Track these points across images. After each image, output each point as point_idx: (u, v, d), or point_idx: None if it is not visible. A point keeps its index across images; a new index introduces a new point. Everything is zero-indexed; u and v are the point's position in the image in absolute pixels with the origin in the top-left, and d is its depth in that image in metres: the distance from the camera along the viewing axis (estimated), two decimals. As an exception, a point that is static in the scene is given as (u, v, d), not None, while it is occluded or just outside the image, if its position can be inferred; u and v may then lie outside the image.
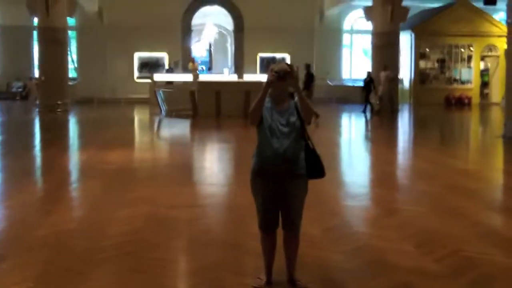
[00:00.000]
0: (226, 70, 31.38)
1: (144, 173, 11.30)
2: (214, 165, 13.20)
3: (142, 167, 12.01)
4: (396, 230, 7.09)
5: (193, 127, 20.29)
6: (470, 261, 5.94)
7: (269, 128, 4.97)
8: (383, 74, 24.93)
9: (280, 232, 5.18)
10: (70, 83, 27.32)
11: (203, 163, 13.48)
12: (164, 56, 33.71)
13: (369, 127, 21.82)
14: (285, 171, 4.99)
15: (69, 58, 29.78)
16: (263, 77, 24.59)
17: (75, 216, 7.92)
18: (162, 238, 6.75)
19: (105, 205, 8.39)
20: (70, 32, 29.36)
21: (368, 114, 24.10)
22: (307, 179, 5.14)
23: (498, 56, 31.69)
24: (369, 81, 25.26)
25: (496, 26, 31.37)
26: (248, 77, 27.79)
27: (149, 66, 33.13)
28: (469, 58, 32.07)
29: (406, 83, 31.76)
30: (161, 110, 23.49)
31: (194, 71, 28.98)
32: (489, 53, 32.10)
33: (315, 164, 5.12)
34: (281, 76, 4.87)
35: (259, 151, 5.07)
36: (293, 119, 5.00)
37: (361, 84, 29.88)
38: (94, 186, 9.87)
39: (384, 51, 25.98)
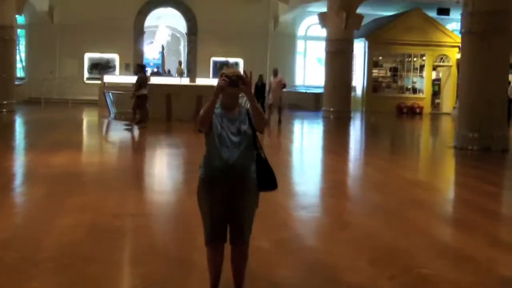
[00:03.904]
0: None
1: (89, 177, 10.85)
2: (162, 171, 12.80)
3: (87, 172, 11.56)
4: (349, 244, 6.83)
5: (143, 131, 19.82)
6: (425, 279, 5.71)
7: (219, 136, 4.63)
8: (274, 81, 23.40)
9: (227, 247, 4.84)
10: (17, 82, 26.56)
11: (151, 169, 13.09)
12: (115, 57, 33.12)
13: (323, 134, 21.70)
14: (235, 183, 4.66)
15: (18, 57, 29.08)
16: (215, 81, 24.28)
17: (11, 225, 7.37)
18: (103, 250, 6.32)
19: (45, 212, 7.92)
20: (19, 31, 28.58)
21: None
22: (258, 191, 4.82)
23: (450, 66, 31.99)
24: (262, 86, 24.38)
25: (449, 36, 31.69)
26: (200, 81, 27.48)
27: (100, 67, 32.53)
28: (422, 67, 32.31)
29: (359, 91, 31.82)
30: (110, 113, 22.95)
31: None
32: (441, 63, 32.35)
33: (266, 176, 4.80)
34: (232, 81, 4.54)
35: (207, 161, 4.73)
36: (245, 127, 4.69)
37: (312, 90, 29.92)
38: (35, 191, 9.41)
39: (338, 58, 25.94)
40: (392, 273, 5.83)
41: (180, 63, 33.56)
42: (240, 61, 33.77)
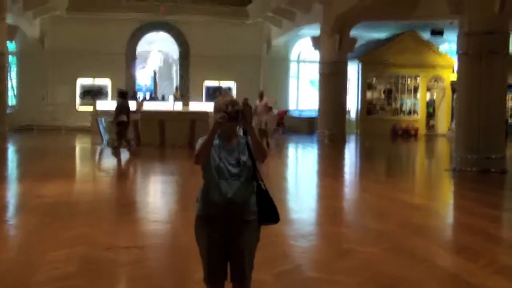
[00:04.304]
0: (171, 97, 31.00)
1: (82, 207, 10.56)
2: (156, 200, 12.52)
3: (80, 201, 11.28)
4: (351, 274, 6.59)
5: (136, 158, 19.58)
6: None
7: (217, 168, 4.39)
8: (260, 104, 22.89)
9: (228, 285, 4.58)
10: (8, 110, 26.33)
11: (145, 198, 12.72)
12: (107, 83, 32.97)
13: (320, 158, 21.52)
14: (234, 218, 4.42)
15: (9, 84, 28.90)
16: (208, 106, 24.51)
17: (3, 259, 7.08)
18: (96, 285, 6.10)
19: (36, 245, 7.68)
20: (10, 58, 28.43)
21: None
22: (259, 225, 4.58)
23: (444, 87, 31.96)
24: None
25: (442, 57, 31.66)
26: (193, 105, 27.35)
27: (92, 94, 32.34)
28: (416, 89, 32.26)
29: (353, 114, 31.71)
30: (102, 140, 22.71)
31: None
32: (435, 84, 32.33)
33: (268, 209, 4.55)
34: (231, 117, 4.34)
35: (205, 195, 4.48)
36: (244, 158, 4.45)
37: (306, 114, 29.83)
38: (27, 222, 9.16)
39: (332, 81, 25.85)
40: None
41: (176, 89, 33.37)
42: (233, 85, 33.70)
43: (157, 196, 13.08)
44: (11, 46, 27.82)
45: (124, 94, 19.95)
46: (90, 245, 7.64)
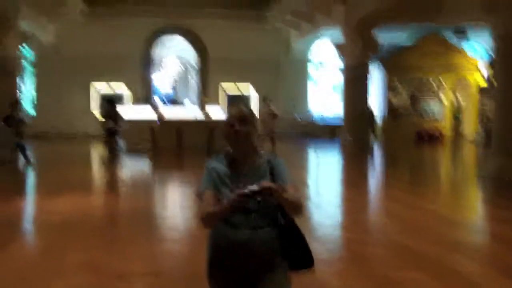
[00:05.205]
0: (187, 101, 30.32)
1: (93, 225, 9.72)
2: (173, 215, 11.39)
3: (90, 219, 10.38)
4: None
5: (153, 165, 18.81)
6: None
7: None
8: (264, 110, 21.71)
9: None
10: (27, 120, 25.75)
11: (161, 212, 11.69)
12: (125, 92, 32.33)
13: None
14: (253, 267, 3.47)
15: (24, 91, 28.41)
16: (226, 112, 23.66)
17: (4, 290, 6.39)
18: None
19: (40, 273, 6.88)
20: (25, 64, 27.97)
21: None
22: (287, 271, 3.57)
23: (470, 91, 31.06)
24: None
25: (467, 59, 30.75)
26: (211, 110, 26.63)
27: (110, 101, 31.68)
28: (441, 92, 31.33)
29: (377, 118, 30.82)
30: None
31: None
32: (461, 87, 31.40)
33: (298, 251, 3.54)
34: (251, 196, 3.27)
35: (214, 241, 3.56)
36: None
37: (328, 121, 29.12)
38: (31, 245, 8.43)
39: (355, 85, 25.00)
40: None
41: (206, 94, 32.28)
42: (252, 91, 32.98)
43: (176, 210, 12.11)
44: (26, 52, 27.37)
45: (112, 102, 19.32)
46: (99, 273, 6.86)
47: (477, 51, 31.98)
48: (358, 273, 7.15)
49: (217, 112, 25.74)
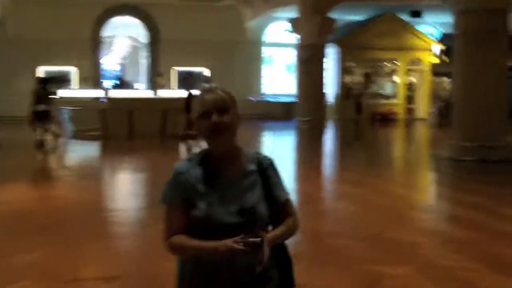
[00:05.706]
0: (138, 85, 29.48)
1: (39, 221, 8.72)
2: (127, 206, 10.40)
3: (37, 212, 9.46)
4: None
5: (103, 151, 17.94)
6: None
7: (206, 220, 2.62)
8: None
9: None
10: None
11: (114, 204, 10.74)
12: (72, 70, 31.24)
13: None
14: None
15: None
16: (180, 93, 22.71)
17: None
18: None
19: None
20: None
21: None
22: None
23: (423, 70, 30.99)
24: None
25: (422, 39, 30.68)
26: (164, 93, 25.82)
27: (54, 81, 30.56)
28: (394, 72, 31.16)
29: (331, 98, 30.47)
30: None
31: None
32: (414, 67, 31.28)
33: (283, 271, 2.83)
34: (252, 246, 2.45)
35: (184, 268, 2.79)
36: (254, 198, 2.70)
37: (283, 99, 28.66)
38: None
39: (311, 65, 24.51)
40: None
41: (160, 73, 31.14)
42: (206, 71, 32.24)
43: (129, 201, 11.11)
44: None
45: (45, 81, 18.04)
46: (48, 277, 6.08)
47: (431, 32, 31.96)
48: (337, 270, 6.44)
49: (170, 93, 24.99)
